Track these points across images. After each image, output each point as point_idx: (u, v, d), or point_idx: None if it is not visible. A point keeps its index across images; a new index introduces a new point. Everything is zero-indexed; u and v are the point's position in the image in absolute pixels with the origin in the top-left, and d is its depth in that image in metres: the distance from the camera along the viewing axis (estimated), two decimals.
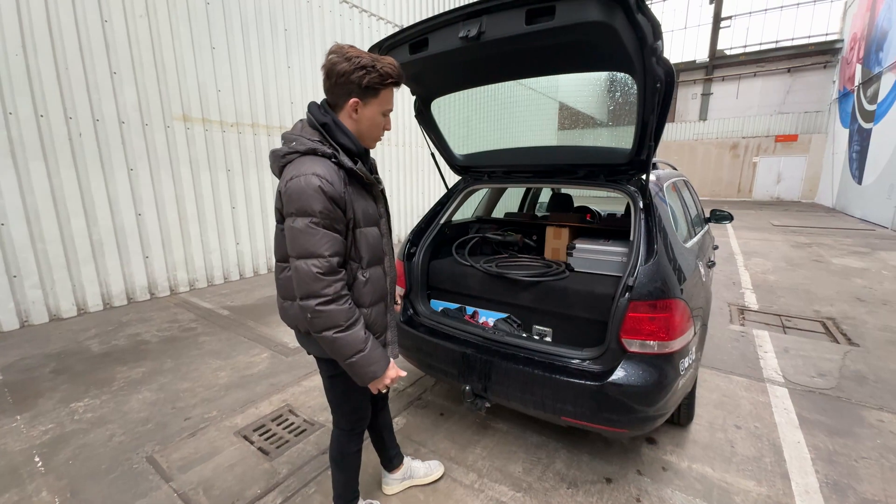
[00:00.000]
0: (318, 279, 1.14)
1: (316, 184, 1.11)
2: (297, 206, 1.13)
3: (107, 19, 4.05)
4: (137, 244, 4.44)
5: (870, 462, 2.05)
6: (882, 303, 4.46)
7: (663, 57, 1.48)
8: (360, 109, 1.22)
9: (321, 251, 1.14)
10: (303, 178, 1.12)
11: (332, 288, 1.16)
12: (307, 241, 1.13)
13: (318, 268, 1.14)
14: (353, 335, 1.20)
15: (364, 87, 1.18)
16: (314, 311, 1.16)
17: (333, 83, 1.19)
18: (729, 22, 20.26)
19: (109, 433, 2.27)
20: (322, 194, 1.12)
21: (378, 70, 1.17)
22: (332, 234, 1.16)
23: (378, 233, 1.34)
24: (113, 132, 4.17)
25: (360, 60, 1.15)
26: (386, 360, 1.30)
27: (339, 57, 1.16)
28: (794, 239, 8.61)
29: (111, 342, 3.44)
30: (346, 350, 1.21)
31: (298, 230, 1.14)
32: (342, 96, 1.20)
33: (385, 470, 1.87)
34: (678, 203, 2.55)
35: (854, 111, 14.14)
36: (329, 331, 1.18)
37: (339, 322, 1.18)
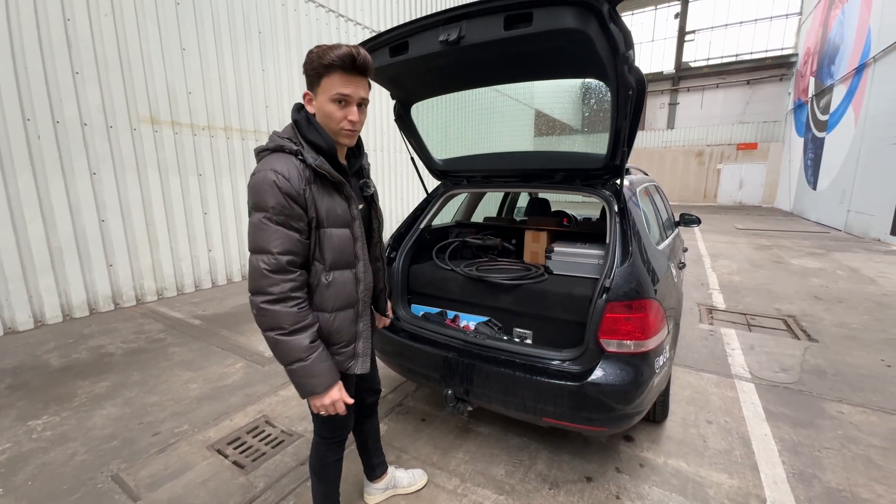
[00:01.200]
0: (264, 276, 1.12)
1: (271, 178, 1.10)
2: (253, 201, 1.13)
3: (69, 18, 3.88)
4: (100, 251, 4.23)
5: (832, 452, 2.16)
6: (837, 301, 4.73)
7: (634, 65, 1.54)
8: (314, 101, 1.18)
9: (270, 247, 1.12)
10: (260, 174, 1.12)
11: (278, 287, 1.13)
12: (259, 236, 1.12)
13: (266, 264, 1.12)
14: (294, 342, 1.16)
15: (310, 77, 1.15)
16: (259, 309, 1.14)
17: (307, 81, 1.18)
18: (693, 36, 21.28)
19: (71, 451, 2.14)
20: (276, 189, 1.10)
21: (320, 56, 1.10)
22: (284, 231, 1.13)
23: (349, 235, 1.26)
24: (74, 135, 3.98)
25: (312, 53, 1.12)
26: (331, 378, 1.22)
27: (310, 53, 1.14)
28: (756, 241, 9.05)
29: (72, 355, 3.25)
30: (285, 356, 1.17)
31: (253, 224, 1.13)
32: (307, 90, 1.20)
33: (367, 479, 1.83)
34: (650, 207, 2.64)
35: (808, 121, 15.06)
36: (272, 332, 1.15)
37: (283, 325, 1.14)
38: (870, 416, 2.47)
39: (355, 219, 1.28)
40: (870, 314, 4.26)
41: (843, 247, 8.35)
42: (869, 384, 2.85)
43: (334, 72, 1.12)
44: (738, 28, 20.22)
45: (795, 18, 18.71)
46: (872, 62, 10.02)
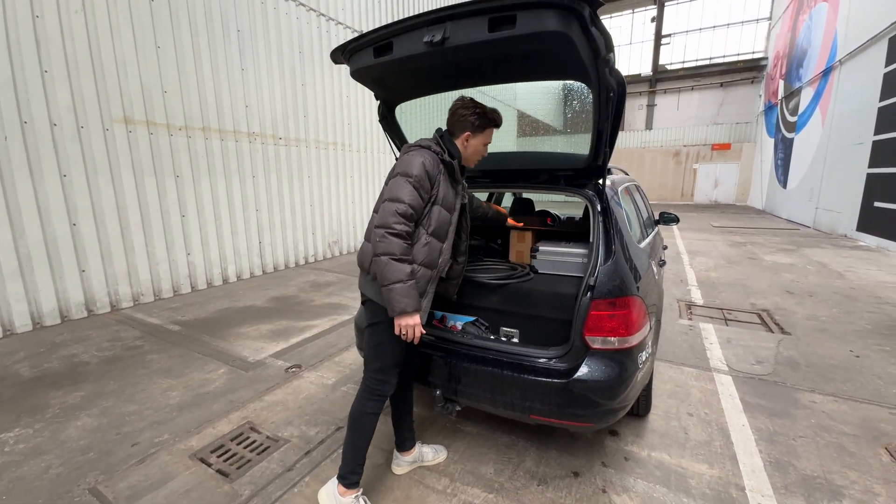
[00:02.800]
0: (394, 215, 1.52)
1: (420, 160, 1.59)
2: (402, 169, 1.58)
3: (38, 15, 3.72)
4: (72, 257, 4.07)
5: (806, 440, 2.25)
6: (808, 294, 4.93)
7: (615, 68, 1.58)
8: (470, 140, 1.72)
9: (404, 198, 1.54)
10: (412, 155, 1.62)
11: (400, 226, 1.52)
12: (399, 190, 1.55)
13: (398, 209, 1.52)
14: (400, 266, 1.51)
15: (478, 125, 1.70)
16: (382, 237, 1.51)
17: (455, 120, 1.71)
18: (669, 39, 21.84)
19: (45, 464, 2.05)
20: (423, 167, 1.57)
21: (486, 116, 1.70)
22: (416, 193, 1.56)
23: (449, 218, 1.70)
24: (43, 135, 3.82)
25: (476, 108, 1.68)
26: (419, 304, 1.56)
27: (464, 103, 1.69)
28: (731, 239, 9.35)
29: (43, 365, 3.12)
30: (391, 275, 1.50)
31: (397, 183, 1.57)
32: (460, 129, 1.71)
33: (397, 451, 2.02)
34: (632, 206, 2.70)
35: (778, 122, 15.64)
36: (386, 255, 1.50)
37: (395, 251, 1.50)
38: (841, 405, 2.58)
39: (456, 210, 1.76)
40: (839, 307, 4.46)
41: (813, 243, 8.70)
42: (839, 374, 2.98)
43: (493, 128, 1.77)
44: (712, 32, 20.85)
45: (766, 23, 19.42)
46: (839, 65, 10.47)
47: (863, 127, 8.97)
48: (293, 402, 2.64)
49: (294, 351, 3.40)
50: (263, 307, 4.55)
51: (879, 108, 8.40)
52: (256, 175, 5.90)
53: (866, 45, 9.00)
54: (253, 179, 5.86)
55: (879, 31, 8.40)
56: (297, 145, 6.52)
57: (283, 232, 6.43)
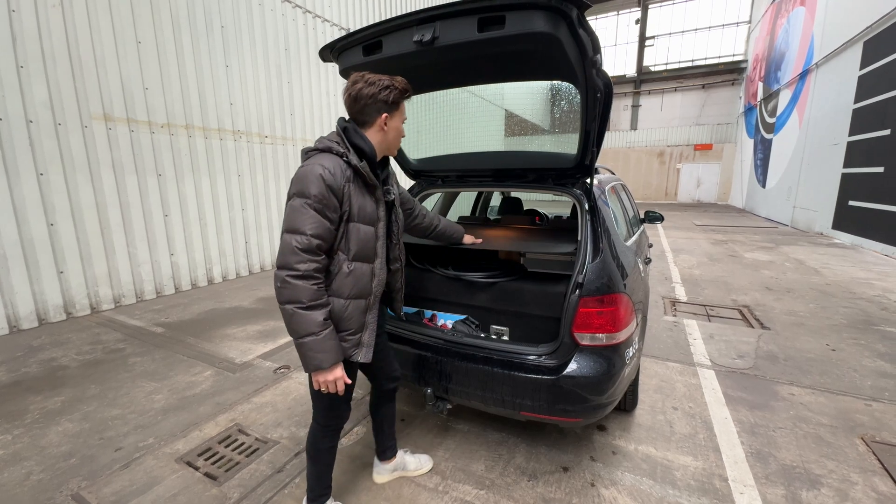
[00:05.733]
0: (294, 253, 1.25)
1: (318, 172, 1.28)
2: (297, 188, 1.29)
3: (14, 9, 3.60)
4: (50, 258, 3.96)
5: (786, 431, 2.32)
6: (786, 290, 5.08)
7: (602, 69, 1.61)
8: (388, 122, 1.42)
9: (304, 229, 1.26)
10: (309, 167, 1.30)
11: (304, 265, 1.26)
12: (296, 218, 1.27)
13: (298, 243, 1.25)
14: (310, 316, 1.27)
15: (392, 103, 1.40)
16: (283, 281, 1.26)
17: (363, 105, 1.38)
18: (652, 41, 22.21)
19: (26, 471, 1.99)
20: (321, 181, 1.27)
21: (397, 87, 1.39)
22: (319, 218, 1.28)
23: (373, 232, 1.43)
24: (19, 133, 3.70)
25: (382, 82, 1.37)
26: (337, 356, 1.34)
27: (364, 83, 1.37)
28: (713, 237, 9.57)
29: (21, 370, 3.03)
30: (299, 328, 1.28)
31: (293, 208, 1.28)
32: (372, 114, 1.40)
33: (378, 459, 1.93)
34: (618, 205, 2.74)
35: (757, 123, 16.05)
36: (290, 304, 1.27)
37: (301, 298, 1.26)
38: (818, 397, 2.67)
39: (380, 219, 1.46)
40: (815, 302, 4.60)
41: (791, 240, 8.97)
42: (817, 367, 3.08)
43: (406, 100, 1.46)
44: (694, 34, 21.28)
45: (745, 26, 19.89)
46: (815, 68, 10.80)
47: (838, 128, 9.27)
48: (282, 403, 2.61)
49: (282, 352, 3.37)
50: (250, 308, 4.48)
51: (854, 110, 8.70)
52: (242, 174, 5.81)
53: (842, 48, 9.31)
54: (238, 178, 5.77)
55: (854, 34, 8.70)
56: (283, 144, 6.44)
57: (271, 232, 6.34)
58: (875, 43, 8.06)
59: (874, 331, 3.76)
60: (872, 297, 4.79)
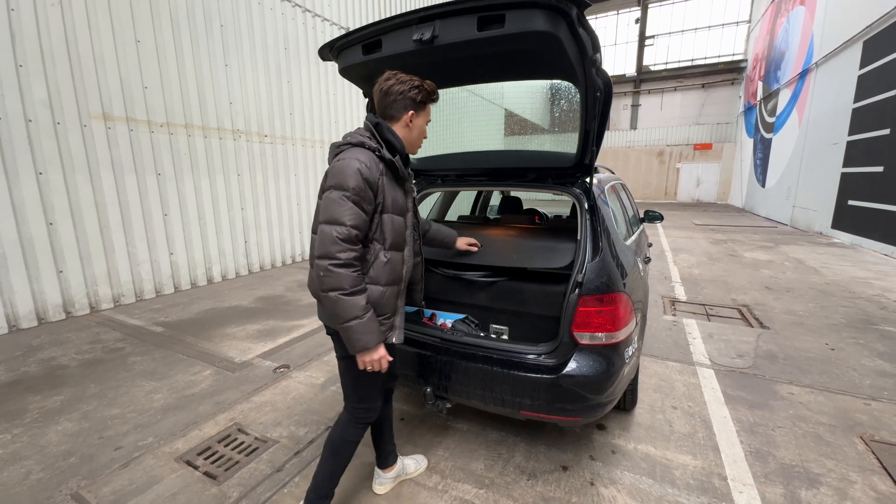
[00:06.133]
0: (336, 242, 1.29)
1: (356, 166, 1.32)
2: (335, 181, 1.33)
3: (13, 8, 3.60)
4: (49, 257, 3.95)
5: (785, 430, 2.32)
6: (786, 290, 5.09)
7: (602, 68, 1.61)
8: (414, 120, 1.49)
9: (344, 220, 1.31)
10: (346, 161, 1.34)
11: (345, 254, 1.30)
12: (336, 209, 1.31)
13: (339, 233, 1.30)
14: (354, 301, 1.32)
15: (418, 102, 1.47)
16: (326, 270, 1.30)
17: (392, 100, 1.45)
18: (652, 41, 22.20)
19: (25, 470, 1.99)
20: (359, 175, 1.32)
21: (425, 88, 1.47)
22: (357, 210, 1.33)
23: (403, 222, 1.51)
24: (18, 132, 3.69)
25: (413, 82, 1.45)
26: (381, 336, 1.41)
27: (395, 80, 1.44)
28: (713, 236, 9.57)
29: (20, 369, 3.03)
30: (345, 312, 1.32)
31: (332, 200, 1.32)
32: (400, 110, 1.46)
33: (379, 468, 1.88)
34: (618, 204, 2.74)
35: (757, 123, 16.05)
36: (334, 291, 1.31)
37: (345, 285, 1.30)
38: (818, 396, 2.67)
39: (409, 210, 1.56)
40: (814, 302, 4.61)
41: (790, 240, 8.97)
42: (816, 367, 3.08)
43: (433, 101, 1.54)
44: (694, 34, 21.28)
45: (745, 26, 19.89)
46: (815, 67, 10.80)
47: (838, 128, 9.27)
48: (282, 402, 2.62)
49: (282, 351, 3.37)
50: (250, 307, 4.48)
51: (854, 110, 8.70)
52: (242, 173, 5.81)
53: (841, 47, 9.30)
54: (238, 178, 5.76)
55: (854, 34, 8.69)
56: (283, 143, 6.44)
57: (270, 231, 6.34)
58: (875, 42, 8.06)
59: (873, 330, 3.77)
60: (872, 296, 4.79)
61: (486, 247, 2.22)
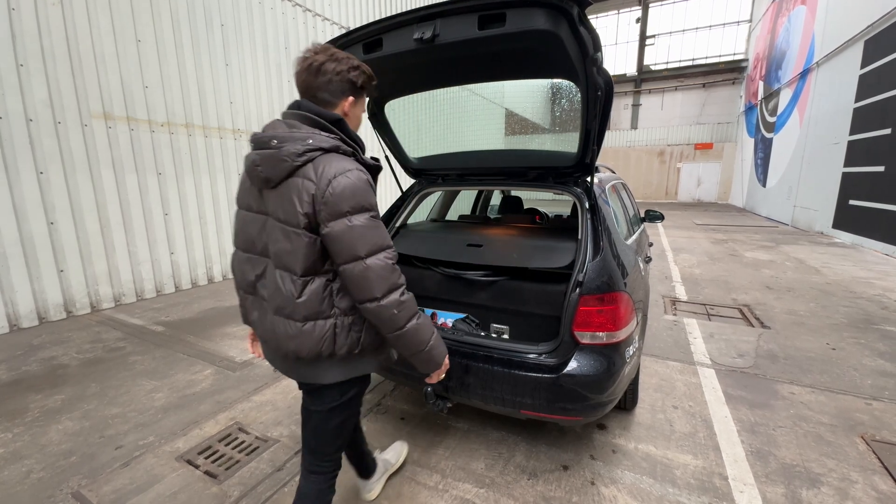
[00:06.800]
0: (394, 270, 1.12)
1: (364, 177, 1.10)
2: (352, 204, 1.07)
3: (14, 7, 3.60)
4: (50, 257, 3.96)
5: (786, 430, 2.32)
6: (787, 290, 5.08)
7: (603, 67, 1.60)
8: (352, 108, 1.21)
9: (388, 242, 1.13)
10: (352, 174, 1.07)
11: (402, 277, 1.15)
12: (374, 235, 1.09)
13: (390, 258, 1.12)
14: (424, 319, 1.20)
15: (359, 87, 1.19)
16: (399, 304, 1.12)
17: (326, 80, 1.14)
18: (653, 40, 22.16)
19: (26, 469, 2.00)
20: (370, 187, 1.11)
21: (366, 72, 1.20)
22: (384, 227, 1.15)
23: None
24: (19, 131, 3.70)
25: (351, 61, 1.17)
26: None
27: (328, 56, 1.14)
28: (713, 236, 9.56)
29: (21, 368, 3.03)
30: (427, 335, 1.20)
31: (362, 227, 1.08)
32: (336, 94, 1.16)
33: (363, 478, 1.79)
34: (618, 204, 2.74)
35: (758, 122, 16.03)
36: (413, 320, 1.15)
37: (416, 308, 1.17)
38: (818, 396, 2.67)
39: None
40: (815, 301, 4.60)
41: (791, 240, 8.96)
42: (817, 366, 3.08)
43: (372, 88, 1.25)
44: (695, 33, 21.23)
45: (746, 25, 19.85)
46: (816, 67, 10.78)
47: (839, 127, 9.26)
48: (282, 401, 2.62)
49: None
50: None
51: (855, 109, 8.68)
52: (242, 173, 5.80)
53: (843, 47, 9.29)
54: (239, 177, 5.75)
55: (855, 33, 8.68)
56: None
57: None
58: (876, 42, 8.05)
59: (874, 330, 3.76)
60: (873, 296, 4.79)
61: (487, 246, 2.22)
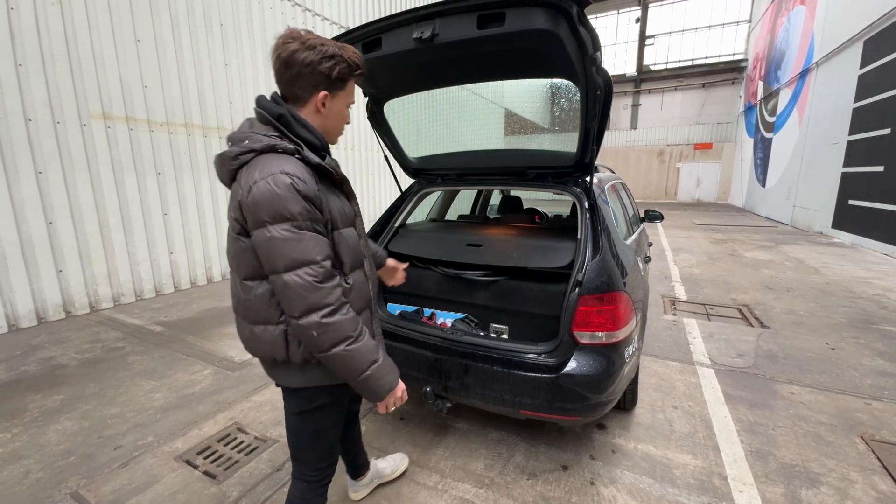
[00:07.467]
0: (316, 288, 0.99)
1: (287, 181, 0.96)
2: (269, 213, 0.96)
3: (13, 7, 3.59)
4: (49, 257, 3.95)
5: (785, 430, 2.32)
6: (786, 290, 5.08)
7: (602, 67, 1.60)
8: (328, 103, 1.10)
9: (313, 256, 0.99)
10: (270, 179, 0.96)
11: (332, 296, 1.01)
12: (292, 248, 0.97)
13: (314, 276, 0.99)
14: (365, 344, 1.07)
15: (334, 79, 1.07)
16: (319, 326, 1.00)
17: (296, 73, 1.03)
18: (652, 40, 22.17)
19: (25, 469, 1.99)
20: (296, 193, 0.97)
21: (346, 60, 1.06)
22: (318, 237, 1.02)
23: (356, 234, 1.20)
24: (18, 131, 3.69)
25: (326, 49, 1.03)
26: (397, 369, 1.19)
27: (299, 44, 1.01)
28: (713, 236, 9.56)
29: (20, 368, 3.03)
30: (361, 363, 1.07)
31: (279, 239, 0.97)
32: (307, 88, 1.06)
33: (352, 479, 1.80)
34: (618, 203, 2.74)
35: (757, 122, 16.04)
36: (340, 345, 1.03)
37: (349, 332, 1.04)
38: (818, 396, 2.67)
39: (357, 215, 1.23)
40: (815, 301, 4.60)
41: (790, 240, 8.96)
42: (816, 366, 3.08)
43: (359, 78, 1.14)
44: (694, 33, 21.24)
45: (745, 25, 19.86)
46: (815, 67, 10.78)
47: (838, 127, 9.26)
48: (281, 401, 2.60)
49: None
50: None
51: (854, 109, 8.69)
52: None
53: (842, 47, 9.29)
54: None
55: (855, 33, 8.68)
56: None
57: None
58: (875, 42, 8.05)
59: (874, 330, 3.76)
60: (872, 296, 4.79)
61: (487, 246, 2.22)
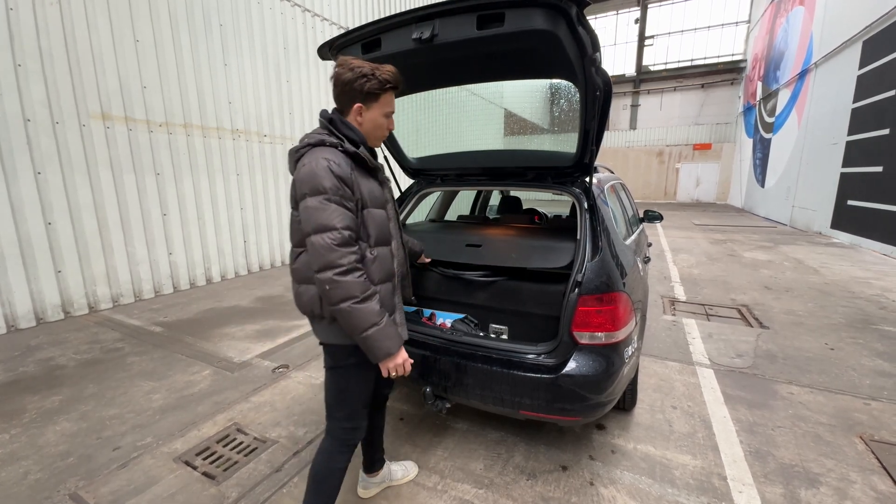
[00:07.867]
0: (332, 250, 1.21)
1: (325, 164, 1.23)
2: (309, 187, 1.23)
3: (12, 7, 3.59)
4: (47, 257, 3.94)
5: (784, 430, 2.32)
6: (785, 290, 5.09)
7: (601, 67, 1.60)
8: (364, 112, 1.36)
9: (334, 223, 1.22)
10: (314, 163, 1.24)
11: (346, 259, 1.22)
12: (320, 216, 1.22)
13: (333, 239, 1.21)
14: (369, 307, 1.25)
15: (366, 93, 1.33)
16: (331, 282, 1.21)
17: (340, 90, 1.34)
18: (652, 41, 22.19)
19: (23, 471, 1.99)
20: (330, 173, 1.23)
21: (377, 77, 1.31)
22: (342, 210, 1.24)
23: (385, 215, 1.42)
24: (17, 131, 3.68)
25: (362, 70, 1.30)
26: (400, 340, 1.35)
27: (344, 68, 1.31)
28: (712, 236, 9.57)
29: (18, 369, 3.02)
30: (362, 322, 1.25)
31: (312, 208, 1.23)
32: (347, 101, 1.35)
33: (365, 472, 1.85)
34: (617, 204, 2.74)
35: (756, 123, 16.06)
36: (346, 302, 1.22)
37: (355, 293, 1.23)
38: (817, 396, 2.67)
39: (388, 200, 1.47)
40: (814, 302, 4.61)
41: (789, 240, 8.97)
42: (815, 366, 3.08)
43: (391, 91, 1.37)
44: (693, 34, 21.28)
45: (745, 26, 19.89)
46: (814, 68, 10.80)
47: (837, 128, 9.27)
48: (281, 402, 2.61)
49: (281, 351, 3.36)
50: (249, 307, 4.48)
51: (853, 110, 8.70)
52: (241, 173, 5.80)
53: (841, 48, 9.31)
54: (237, 177, 5.75)
55: (854, 34, 8.70)
56: (282, 143, 6.43)
57: (269, 231, 6.33)
58: (874, 42, 8.07)
59: (873, 330, 3.77)
60: (871, 296, 4.80)
61: (486, 246, 2.22)
